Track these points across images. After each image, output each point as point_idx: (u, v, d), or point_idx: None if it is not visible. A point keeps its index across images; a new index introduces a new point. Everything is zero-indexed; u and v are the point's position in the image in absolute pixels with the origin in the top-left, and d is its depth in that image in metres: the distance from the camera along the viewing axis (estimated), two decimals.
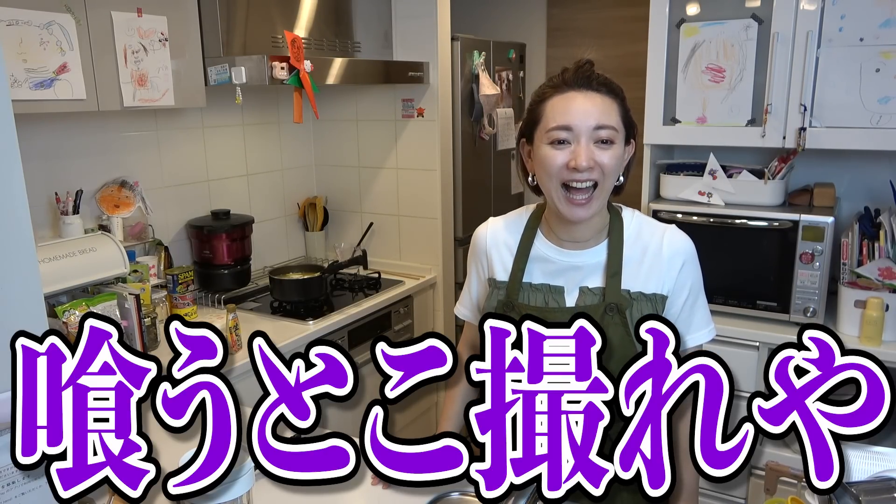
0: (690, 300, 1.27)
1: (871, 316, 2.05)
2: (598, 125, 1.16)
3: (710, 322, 1.32)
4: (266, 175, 2.96)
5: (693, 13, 2.27)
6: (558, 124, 1.17)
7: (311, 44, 2.49)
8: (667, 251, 1.25)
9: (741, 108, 2.24)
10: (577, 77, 1.19)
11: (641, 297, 1.23)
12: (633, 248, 1.26)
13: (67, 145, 2.21)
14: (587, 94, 1.18)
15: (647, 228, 1.28)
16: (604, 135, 1.16)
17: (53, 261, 1.91)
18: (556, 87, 1.21)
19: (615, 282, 1.23)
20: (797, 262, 2.15)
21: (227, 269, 2.61)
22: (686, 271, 1.26)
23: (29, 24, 1.71)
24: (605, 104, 1.18)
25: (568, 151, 1.17)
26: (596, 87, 1.19)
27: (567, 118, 1.16)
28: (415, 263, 3.02)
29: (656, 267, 1.24)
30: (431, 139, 2.88)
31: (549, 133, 1.18)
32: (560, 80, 1.21)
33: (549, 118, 1.19)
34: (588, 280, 1.26)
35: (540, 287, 1.29)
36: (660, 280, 1.24)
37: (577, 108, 1.17)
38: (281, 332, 2.27)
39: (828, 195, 2.27)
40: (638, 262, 1.25)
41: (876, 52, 2.02)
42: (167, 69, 2.07)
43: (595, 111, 1.16)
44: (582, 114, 1.16)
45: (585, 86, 1.18)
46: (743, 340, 2.22)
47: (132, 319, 2.02)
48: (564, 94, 1.19)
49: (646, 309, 1.23)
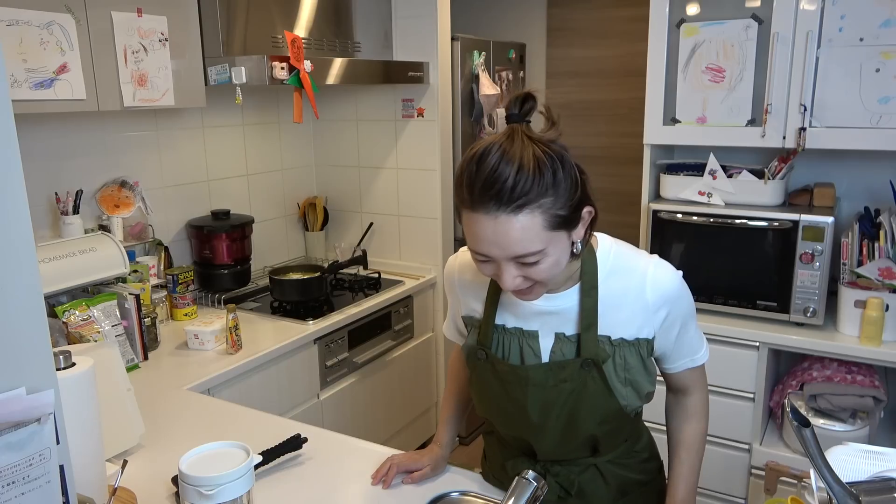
0: (681, 332, 1.19)
1: (871, 316, 2.05)
2: (517, 254, 0.98)
3: (702, 344, 1.25)
4: (266, 175, 2.96)
5: (693, 13, 2.27)
6: (475, 249, 1.01)
7: (311, 44, 2.49)
8: (651, 295, 1.12)
9: (741, 108, 2.24)
10: (483, 190, 0.95)
11: (623, 343, 1.13)
12: (611, 289, 1.13)
13: (67, 145, 2.21)
14: (497, 219, 0.95)
15: (626, 265, 1.14)
16: (528, 260, 0.99)
17: (53, 261, 1.91)
18: (466, 201, 0.99)
19: (591, 334, 1.12)
20: (797, 262, 2.15)
21: (227, 269, 2.61)
22: (675, 311, 1.15)
23: (29, 24, 1.71)
24: (522, 229, 0.95)
25: (494, 266, 1.02)
26: (507, 203, 0.94)
27: (482, 247, 0.99)
28: (415, 263, 3.02)
29: (639, 311, 1.13)
30: (431, 139, 2.88)
31: (469, 248, 1.04)
32: (468, 190, 0.98)
33: (467, 233, 1.01)
34: (563, 326, 1.15)
35: (514, 331, 1.18)
36: (644, 324, 1.14)
37: (489, 240, 0.97)
38: (281, 332, 2.27)
39: (828, 195, 2.27)
40: (617, 305, 1.13)
41: (876, 52, 2.02)
42: (167, 69, 2.07)
43: (511, 241, 0.96)
44: (495, 247, 0.98)
45: (496, 205, 0.95)
46: (743, 340, 2.22)
47: (132, 319, 2.02)
48: (475, 213, 0.97)
49: (629, 356, 1.13)
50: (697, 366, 1.25)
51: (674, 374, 1.26)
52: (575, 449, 1.22)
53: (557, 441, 1.20)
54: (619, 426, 1.20)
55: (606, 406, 1.15)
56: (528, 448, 1.25)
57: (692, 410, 1.28)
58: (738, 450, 2.28)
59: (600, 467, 1.24)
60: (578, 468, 1.24)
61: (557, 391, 1.15)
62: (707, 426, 1.30)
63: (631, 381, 1.15)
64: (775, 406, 2.33)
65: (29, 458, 0.69)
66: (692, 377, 1.26)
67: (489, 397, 1.24)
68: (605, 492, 1.25)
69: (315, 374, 2.37)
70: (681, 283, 1.16)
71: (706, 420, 1.29)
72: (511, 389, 1.18)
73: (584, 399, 1.14)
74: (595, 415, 1.16)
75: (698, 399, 1.28)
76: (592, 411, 1.15)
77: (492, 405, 1.25)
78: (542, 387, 1.15)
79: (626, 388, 1.15)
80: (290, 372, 2.25)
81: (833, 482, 0.87)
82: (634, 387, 1.15)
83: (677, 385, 1.29)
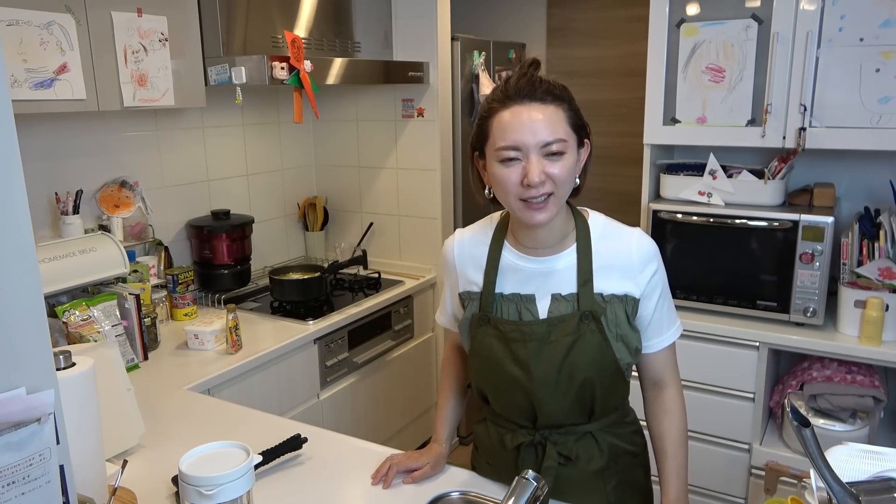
0: (661, 301, 1.29)
1: (871, 316, 2.05)
2: (545, 141, 1.14)
3: (676, 319, 1.35)
4: (266, 175, 2.96)
5: (693, 13, 2.27)
6: (506, 143, 1.15)
7: (311, 44, 2.49)
8: (636, 255, 1.25)
9: (741, 108, 2.24)
10: (518, 88, 1.16)
11: (614, 299, 1.24)
12: (602, 251, 1.25)
13: (67, 145, 2.21)
14: (531, 107, 1.14)
15: (613, 232, 1.28)
16: (553, 148, 1.14)
17: (53, 261, 1.91)
18: (499, 101, 1.17)
19: (587, 289, 1.23)
20: (797, 262, 2.15)
21: (227, 269, 2.61)
22: (657, 274, 1.27)
23: (29, 24, 1.71)
24: (551, 116, 1.14)
25: (520, 168, 1.15)
26: (541, 96, 1.15)
27: (513, 137, 1.14)
28: (415, 263, 3.02)
29: (627, 270, 1.25)
30: (431, 139, 2.88)
31: (497, 152, 1.16)
32: (503, 93, 1.18)
33: (497, 136, 1.16)
34: (559, 286, 1.25)
35: (511, 297, 1.28)
36: (631, 282, 1.25)
37: (523, 126, 1.14)
38: (281, 332, 2.27)
39: (828, 195, 2.27)
40: (608, 265, 1.25)
41: (876, 52, 2.02)
42: (167, 69, 2.07)
43: (541, 126, 1.13)
44: (528, 131, 1.13)
45: (529, 97, 1.15)
46: (743, 340, 2.22)
47: (132, 319, 2.02)
48: (508, 108, 1.15)
49: (619, 312, 1.24)
50: (671, 343, 1.33)
51: (650, 359, 1.33)
52: (574, 409, 1.27)
53: (560, 398, 1.25)
54: (613, 383, 1.27)
55: (603, 358, 1.23)
56: (527, 417, 1.30)
57: (670, 405, 1.34)
58: (738, 450, 2.28)
59: (595, 435, 1.30)
60: (575, 436, 1.30)
61: (558, 345, 1.23)
62: (686, 421, 1.36)
63: (621, 335, 1.24)
64: (775, 406, 2.33)
65: (29, 458, 0.69)
66: (667, 363, 1.34)
67: (490, 365, 1.29)
68: (599, 458, 1.30)
69: (315, 374, 2.37)
70: (658, 251, 1.29)
71: (685, 414, 1.35)
72: (515, 348, 1.25)
73: (584, 351, 1.22)
74: (593, 366, 1.23)
75: (674, 393, 1.35)
76: (591, 363, 1.23)
77: (493, 373, 1.29)
78: (544, 341, 1.23)
79: (617, 343, 1.23)
80: (290, 372, 2.25)
81: (833, 482, 0.87)
82: (625, 341, 1.24)
83: (653, 375, 1.35)
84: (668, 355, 1.34)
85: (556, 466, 1.28)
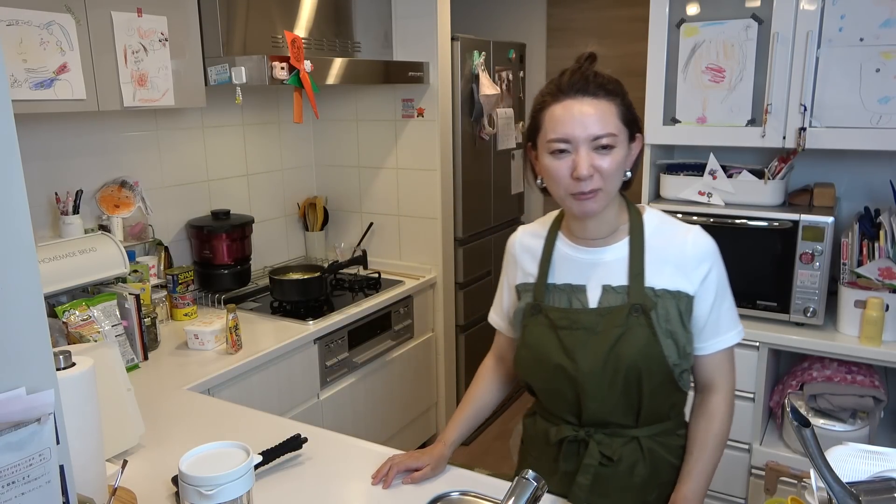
0: (718, 301, 1.27)
1: (871, 316, 2.05)
2: (595, 135, 1.15)
3: (737, 324, 1.32)
4: (266, 175, 2.96)
5: (693, 13, 2.27)
6: (556, 136, 1.17)
7: (311, 44, 2.49)
8: (692, 251, 1.24)
9: (741, 108, 2.24)
10: (572, 83, 1.18)
11: (666, 294, 1.23)
12: (656, 245, 1.25)
13: (67, 145, 2.21)
14: (583, 101, 1.17)
15: (669, 227, 1.28)
16: (603, 142, 1.16)
17: (53, 261, 1.91)
18: (552, 94, 1.20)
19: (638, 281, 1.23)
20: (797, 262, 2.15)
21: (227, 269, 2.61)
22: (713, 272, 1.25)
23: (29, 24, 1.71)
24: (602, 110, 1.16)
25: (569, 160, 1.17)
26: (593, 91, 1.17)
27: (564, 130, 1.16)
28: (415, 263, 3.02)
29: (681, 266, 1.24)
30: (431, 139, 2.88)
31: (548, 143, 1.19)
32: (556, 86, 1.20)
33: (548, 128, 1.19)
34: (610, 278, 1.26)
35: (563, 287, 1.29)
36: (685, 279, 1.24)
37: (574, 119, 1.16)
38: (281, 332, 2.27)
39: (828, 195, 2.27)
40: (661, 259, 1.25)
41: (876, 52, 2.02)
42: (167, 69, 2.07)
43: (592, 120, 1.15)
44: (579, 125, 1.16)
45: (582, 91, 1.17)
46: (743, 340, 2.20)
47: (132, 319, 2.02)
48: (561, 102, 1.18)
49: (671, 307, 1.22)
50: (726, 347, 1.30)
51: (703, 360, 1.30)
52: (619, 406, 1.25)
53: (605, 390, 1.24)
54: (661, 383, 1.24)
55: (650, 352, 1.22)
56: (573, 412, 1.30)
57: (713, 409, 1.30)
58: (738, 450, 2.28)
59: (641, 441, 1.28)
60: (622, 440, 1.28)
61: (605, 336, 1.23)
62: (727, 431, 1.31)
63: (671, 332, 1.22)
64: (775, 406, 2.33)
65: (29, 458, 0.69)
66: (719, 366, 1.30)
67: (538, 355, 1.30)
68: (643, 466, 1.28)
69: (315, 374, 2.37)
70: (717, 250, 1.27)
71: (726, 422, 1.31)
72: (563, 336, 1.26)
73: (631, 343, 1.21)
74: (640, 359, 1.22)
75: (721, 398, 1.31)
76: (637, 356, 1.22)
77: (541, 364, 1.29)
78: (591, 331, 1.24)
79: (666, 340, 1.22)
80: (290, 372, 2.25)
81: (833, 482, 0.87)
82: (674, 338, 1.22)
83: (704, 377, 1.32)
84: (722, 359, 1.31)
85: (595, 466, 1.28)
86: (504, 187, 3.45)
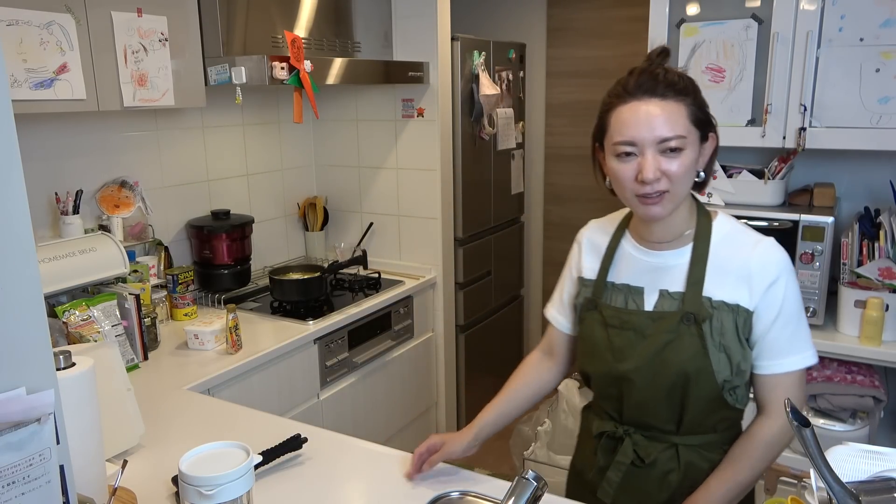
0: (782, 321, 1.18)
1: (871, 316, 2.05)
2: (663, 137, 1.11)
3: (804, 349, 1.21)
4: (266, 175, 2.96)
5: (693, 13, 2.27)
6: (622, 139, 1.13)
7: (311, 44, 2.49)
8: (756, 263, 1.18)
9: (741, 108, 2.24)
10: (639, 83, 1.13)
11: (723, 306, 1.18)
12: (721, 254, 1.20)
13: (67, 145, 2.21)
14: (650, 102, 1.12)
15: (739, 236, 1.22)
16: (671, 145, 1.11)
17: (53, 261, 1.91)
18: (619, 95, 1.15)
19: (696, 290, 1.19)
20: (797, 262, 2.15)
21: (227, 269, 2.61)
22: (777, 288, 1.17)
23: (29, 24, 1.71)
24: (670, 112, 1.12)
25: (635, 164, 1.14)
26: (661, 92, 1.12)
27: (629, 133, 1.12)
28: (415, 263, 3.02)
29: (743, 278, 1.18)
30: (431, 139, 2.88)
31: (614, 146, 1.16)
32: (623, 87, 1.15)
33: (614, 131, 1.15)
34: (669, 283, 1.23)
35: (621, 287, 1.28)
36: (745, 292, 1.18)
37: (640, 122, 1.11)
38: (281, 332, 2.27)
39: (828, 195, 2.27)
40: (724, 270, 1.19)
41: (876, 52, 2.02)
42: (167, 69, 2.07)
43: (659, 123, 1.11)
44: (645, 127, 1.11)
45: (649, 92, 1.12)
46: None
47: (132, 319, 2.02)
48: (627, 104, 1.13)
49: (727, 321, 1.17)
50: (788, 372, 1.20)
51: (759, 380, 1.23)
52: (661, 409, 1.23)
53: (646, 391, 1.22)
54: (708, 396, 1.20)
55: (697, 364, 1.18)
56: (615, 408, 1.31)
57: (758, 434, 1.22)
58: None
59: (679, 450, 1.25)
60: (660, 445, 1.26)
61: (654, 341, 1.21)
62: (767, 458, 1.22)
63: (725, 346, 1.18)
64: None
65: (29, 458, 0.69)
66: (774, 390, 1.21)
67: (590, 350, 1.31)
68: (676, 475, 1.26)
69: (315, 374, 2.37)
70: (788, 266, 1.20)
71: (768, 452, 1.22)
72: (612, 335, 1.26)
73: (677, 352, 1.19)
74: (685, 369, 1.18)
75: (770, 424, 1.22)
76: (683, 365, 1.18)
77: (593, 359, 1.30)
78: (641, 334, 1.22)
79: (719, 354, 1.18)
80: (290, 372, 2.25)
81: (833, 482, 0.87)
82: (727, 353, 1.18)
83: (758, 397, 1.25)
84: (779, 383, 1.21)
85: (627, 465, 1.27)
86: (504, 187, 3.45)
